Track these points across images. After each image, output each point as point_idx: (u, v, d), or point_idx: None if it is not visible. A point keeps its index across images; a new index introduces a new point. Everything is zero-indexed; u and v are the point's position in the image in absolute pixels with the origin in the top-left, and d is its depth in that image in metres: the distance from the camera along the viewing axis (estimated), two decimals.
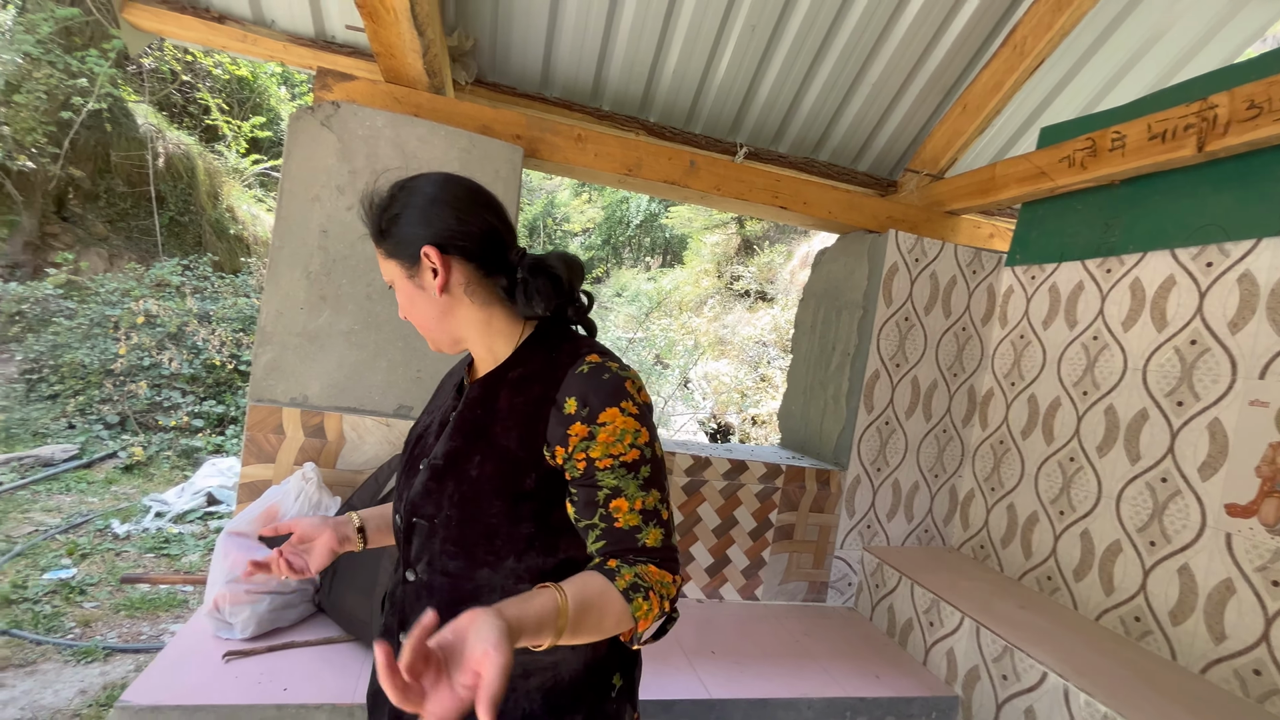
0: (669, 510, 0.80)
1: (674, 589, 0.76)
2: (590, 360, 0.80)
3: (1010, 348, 2.29)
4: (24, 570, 2.96)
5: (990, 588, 2.01)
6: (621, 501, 0.76)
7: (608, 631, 0.71)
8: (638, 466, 0.77)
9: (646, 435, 0.78)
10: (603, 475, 0.76)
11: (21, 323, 5.63)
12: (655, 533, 0.77)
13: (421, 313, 0.83)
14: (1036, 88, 2.28)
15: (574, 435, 0.76)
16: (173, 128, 7.68)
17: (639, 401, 0.78)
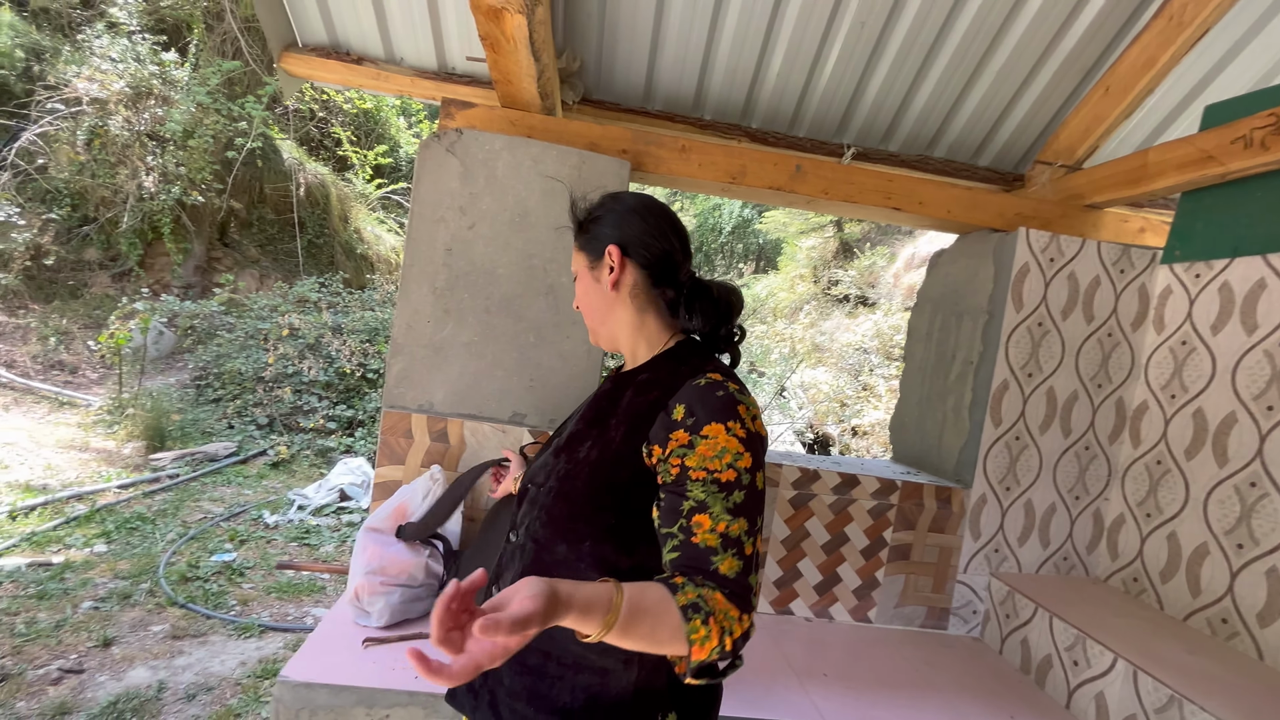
0: (754, 547, 0.76)
1: (739, 627, 0.71)
2: (711, 376, 0.82)
3: (1169, 355, 2.03)
4: (196, 552, 3.40)
5: (1149, 627, 1.78)
6: (704, 518, 0.74)
7: (661, 645, 0.68)
8: (731, 489, 0.75)
9: (749, 461, 0.77)
10: (693, 486, 0.76)
11: (193, 336, 6.51)
12: (732, 561, 0.73)
13: (592, 304, 0.96)
14: (1196, 62, 2.02)
15: (674, 440, 0.78)
16: (311, 160, 8.61)
17: (749, 427, 0.78)
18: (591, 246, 0.95)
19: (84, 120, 6.54)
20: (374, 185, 9.49)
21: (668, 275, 0.93)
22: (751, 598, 0.74)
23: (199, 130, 6.91)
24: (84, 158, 6.56)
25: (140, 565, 3.17)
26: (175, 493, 4.17)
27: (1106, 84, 2.06)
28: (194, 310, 6.44)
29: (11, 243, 6.17)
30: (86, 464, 4.39)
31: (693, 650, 0.69)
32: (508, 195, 1.91)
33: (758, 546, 0.77)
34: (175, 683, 2.35)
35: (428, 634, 1.59)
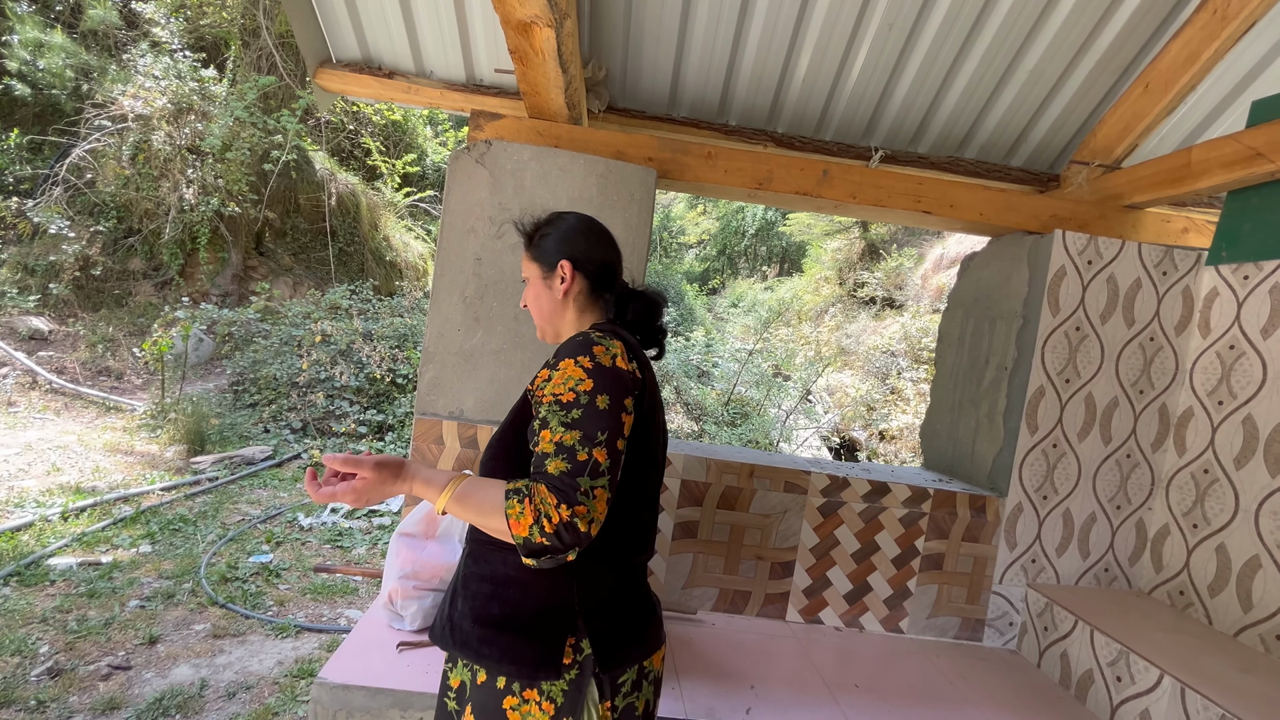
0: (589, 455, 0.88)
1: (556, 514, 0.83)
2: (586, 332, 1.00)
3: (1216, 360, 1.96)
4: (235, 553, 3.50)
5: (1197, 642, 1.71)
6: (546, 432, 0.90)
7: (488, 517, 0.88)
8: (570, 407, 0.90)
9: (589, 385, 0.91)
10: (541, 408, 0.93)
11: (231, 342, 6.71)
12: (559, 463, 0.87)
13: (542, 306, 1.13)
14: (1241, 58, 1.95)
15: (539, 377, 0.97)
16: (342, 170, 8.82)
17: (599, 361, 0.93)
18: (543, 258, 1.12)
19: (129, 136, 6.81)
20: (402, 193, 9.69)
21: (606, 282, 1.13)
22: (577, 495, 0.85)
23: (236, 143, 7.14)
24: (129, 172, 6.83)
25: (183, 565, 3.27)
26: (215, 495, 4.31)
27: (1146, 81, 2.00)
28: (231, 318, 6.64)
29: (62, 254, 6.46)
30: (132, 467, 4.56)
31: (510, 524, 0.85)
32: (536, 204, 1.94)
33: (594, 456, 0.88)
34: (216, 681, 2.43)
35: None
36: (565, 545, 0.85)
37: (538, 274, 1.13)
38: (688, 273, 14.90)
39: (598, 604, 0.98)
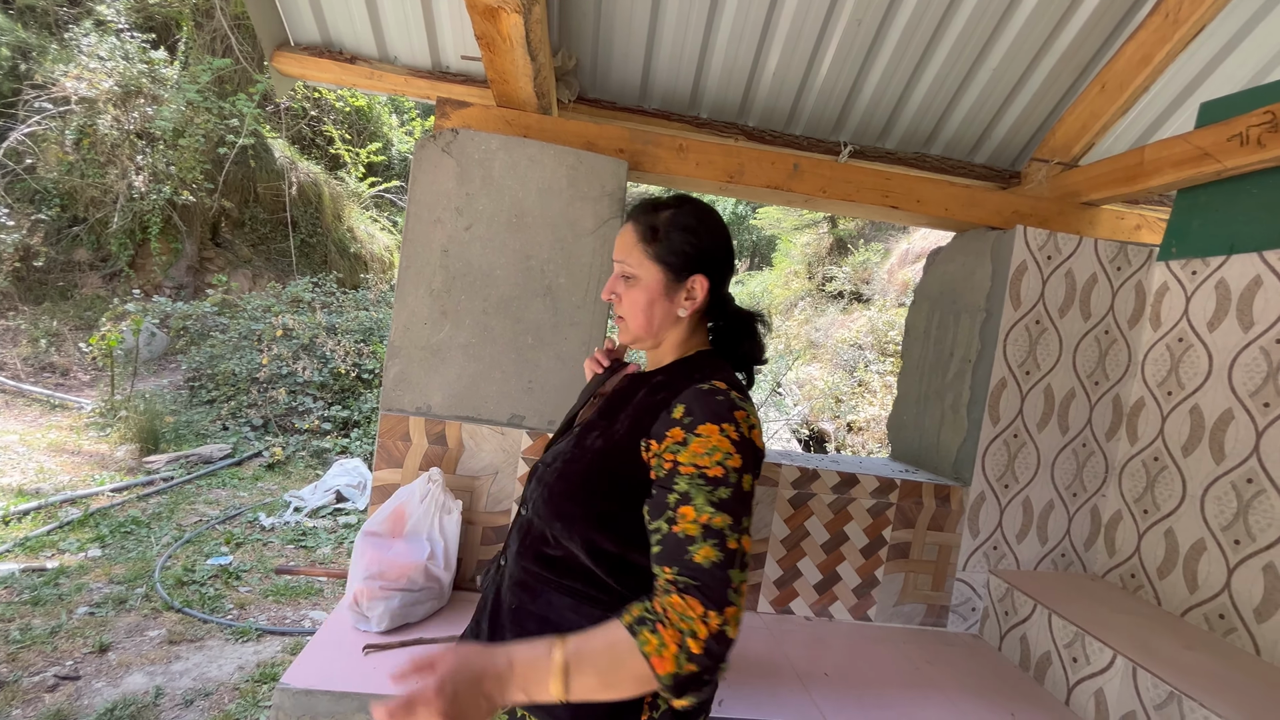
0: (738, 544, 0.75)
1: (704, 627, 0.69)
2: (715, 383, 0.86)
3: (1166, 352, 2.04)
4: (192, 555, 3.37)
5: (1147, 623, 1.79)
6: (689, 509, 0.76)
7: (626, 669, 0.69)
8: (717, 484, 0.77)
9: (738, 461, 0.78)
10: (680, 480, 0.78)
11: (186, 337, 6.46)
12: (710, 550, 0.73)
13: (651, 315, 0.95)
14: (1191, 60, 2.02)
15: (670, 437, 0.81)
16: (303, 158, 8.54)
17: (743, 433, 0.80)
18: (670, 262, 0.93)
19: (72, 119, 6.47)
20: (367, 183, 9.43)
21: (720, 308, 1.01)
22: (728, 591, 0.72)
23: (189, 129, 6.84)
24: (72, 157, 6.49)
25: (135, 569, 3.14)
26: (170, 496, 4.14)
27: (1103, 81, 2.06)
28: (186, 311, 6.38)
29: (0, 244, 6.11)
30: (79, 467, 4.35)
31: (653, 663, 0.69)
32: (504, 196, 1.90)
33: (743, 545, 0.76)
34: (173, 688, 2.34)
35: (429, 639, 1.58)
36: (716, 662, 0.70)
37: (657, 278, 0.94)
38: None
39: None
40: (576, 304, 1.94)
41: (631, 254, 0.95)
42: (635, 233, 0.96)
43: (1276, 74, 1.93)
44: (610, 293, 0.98)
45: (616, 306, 0.99)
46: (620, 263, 0.97)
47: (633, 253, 0.95)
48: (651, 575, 0.79)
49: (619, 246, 0.98)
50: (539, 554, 0.91)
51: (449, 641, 1.60)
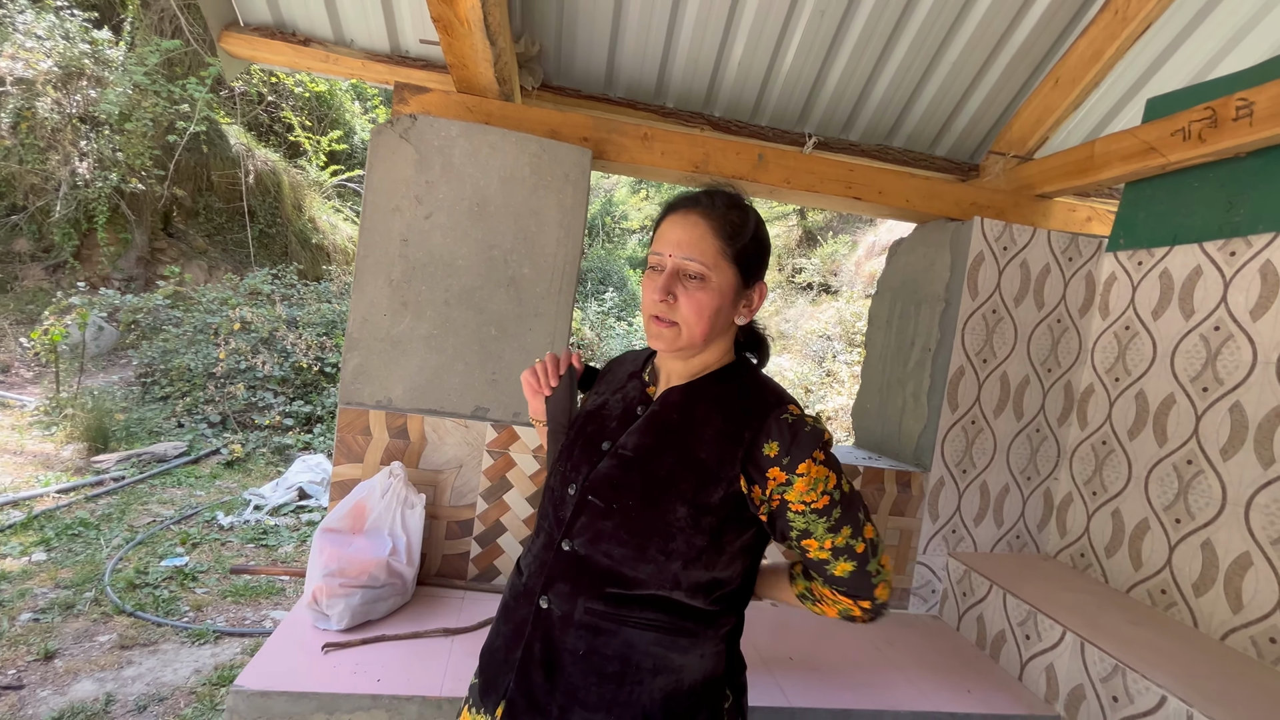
0: (866, 543, 0.88)
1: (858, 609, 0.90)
2: (792, 410, 0.87)
3: (1113, 340, 2.12)
4: (145, 557, 3.25)
5: (1094, 600, 1.86)
6: (811, 542, 0.87)
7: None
8: (827, 512, 0.85)
9: (835, 480, 0.86)
10: (795, 518, 0.85)
11: (137, 331, 6.20)
12: (844, 565, 0.87)
13: (716, 321, 0.88)
14: (1139, 56, 2.09)
15: (772, 480, 0.84)
16: (261, 146, 8.25)
17: (829, 453, 0.87)
18: (748, 267, 0.89)
19: (8, 101, 6.11)
20: (328, 172, 9.16)
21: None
22: (871, 580, 0.88)
23: (136, 113, 6.54)
24: (9, 142, 6.14)
25: (84, 573, 3.01)
26: (121, 496, 3.98)
27: (1056, 76, 2.11)
28: (137, 304, 6.12)
29: None
30: (22, 468, 4.15)
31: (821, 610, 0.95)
32: (465, 184, 1.86)
33: (870, 536, 0.88)
34: (124, 694, 2.25)
35: (391, 636, 1.56)
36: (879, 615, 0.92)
37: (731, 282, 0.87)
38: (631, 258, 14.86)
39: (739, 657, 0.95)
40: (541, 295, 1.92)
41: (707, 251, 0.85)
42: (712, 227, 0.86)
43: (1218, 71, 2.00)
44: (666, 293, 0.85)
45: (663, 308, 0.86)
46: (688, 260, 0.85)
47: (708, 250, 0.85)
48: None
49: (685, 240, 0.85)
50: (606, 595, 0.85)
51: (412, 638, 1.58)
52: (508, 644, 0.91)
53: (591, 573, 0.86)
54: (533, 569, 0.93)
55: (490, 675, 0.92)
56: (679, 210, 0.89)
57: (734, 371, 0.94)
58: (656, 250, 0.89)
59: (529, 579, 0.92)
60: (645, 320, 0.89)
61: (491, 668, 0.93)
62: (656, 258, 0.88)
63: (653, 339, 0.89)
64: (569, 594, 0.86)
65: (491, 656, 0.94)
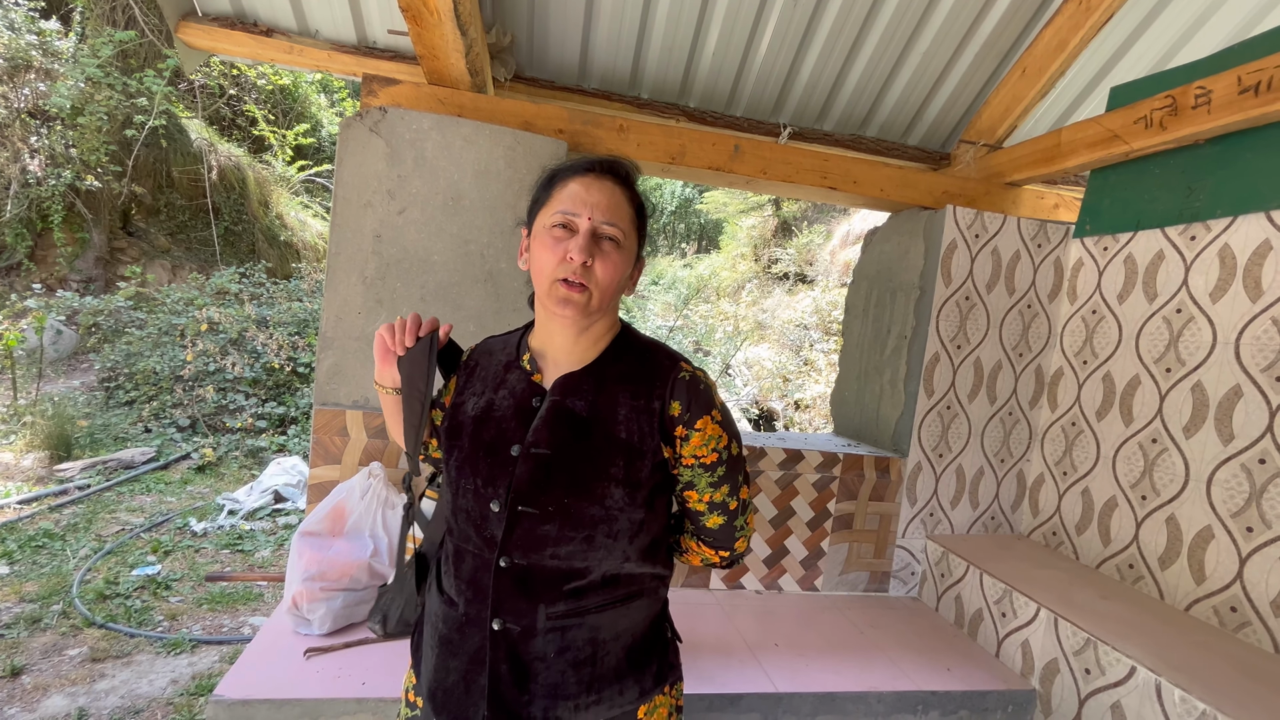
0: (739, 501, 0.93)
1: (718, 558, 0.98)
2: (684, 368, 0.90)
3: (1081, 324, 2.17)
4: (115, 567, 3.16)
5: (1066, 576, 1.92)
6: (692, 493, 0.91)
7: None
8: (714, 468, 0.89)
9: (726, 440, 0.90)
10: (683, 471, 0.89)
11: (98, 334, 5.99)
12: (716, 519, 0.93)
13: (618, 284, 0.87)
14: (1102, 46, 2.14)
15: (678, 438, 0.87)
16: (223, 141, 8.00)
17: (725, 413, 0.91)
18: (642, 239, 0.92)
19: None
20: (295, 168, 8.93)
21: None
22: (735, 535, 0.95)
23: (90, 107, 6.28)
24: None
25: (50, 586, 2.91)
26: (87, 505, 3.85)
27: (1023, 65, 2.15)
28: (97, 306, 5.90)
29: None
30: None
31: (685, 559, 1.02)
32: (439, 178, 1.83)
33: (745, 497, 0.94)
34: (98, 708, 2.19)
35: (372, 639, 1.54)
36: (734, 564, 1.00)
37: (633, 251, 0.89)
38: None
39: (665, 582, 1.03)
40: (519, 290, 1.90)
41: (624, 217, 0.86)
42: (626, 195, 0.87)
43: (1177, 60, 2.06)
44: (586, 254, 0.81)
45: (580, 272, 0.82)
46: (608, 223, 0.84)
47: (624, 216, 0.86)
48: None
49: (605, 204, 0.84)
50: (566, 593, 0.85)
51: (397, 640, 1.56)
52: (466, 677, 0.87)
53: (543, 579, 0.84)
54: (468, 595, 0.87)
55: (456, 712, 0.87)
56: (593, 174, 0.86)
57: (624, 343, 0.92)
58: (568, 210, 0.83)
59: (467, 607, 0.87)
60: (546, 285, 0.84)
61: (452, 704, 0.87)
62: (567, 217, 0.83)
63: (557, 304, 0.83)
64: (525, 608, 0.84)
65: (449, 695, 0.87)
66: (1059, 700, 1.65)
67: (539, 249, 0.85)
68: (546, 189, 0.88)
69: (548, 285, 0.83)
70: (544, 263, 0.83)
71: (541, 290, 0.85)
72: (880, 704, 1.61)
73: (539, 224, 0.87)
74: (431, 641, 0.92)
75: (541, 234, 0.85)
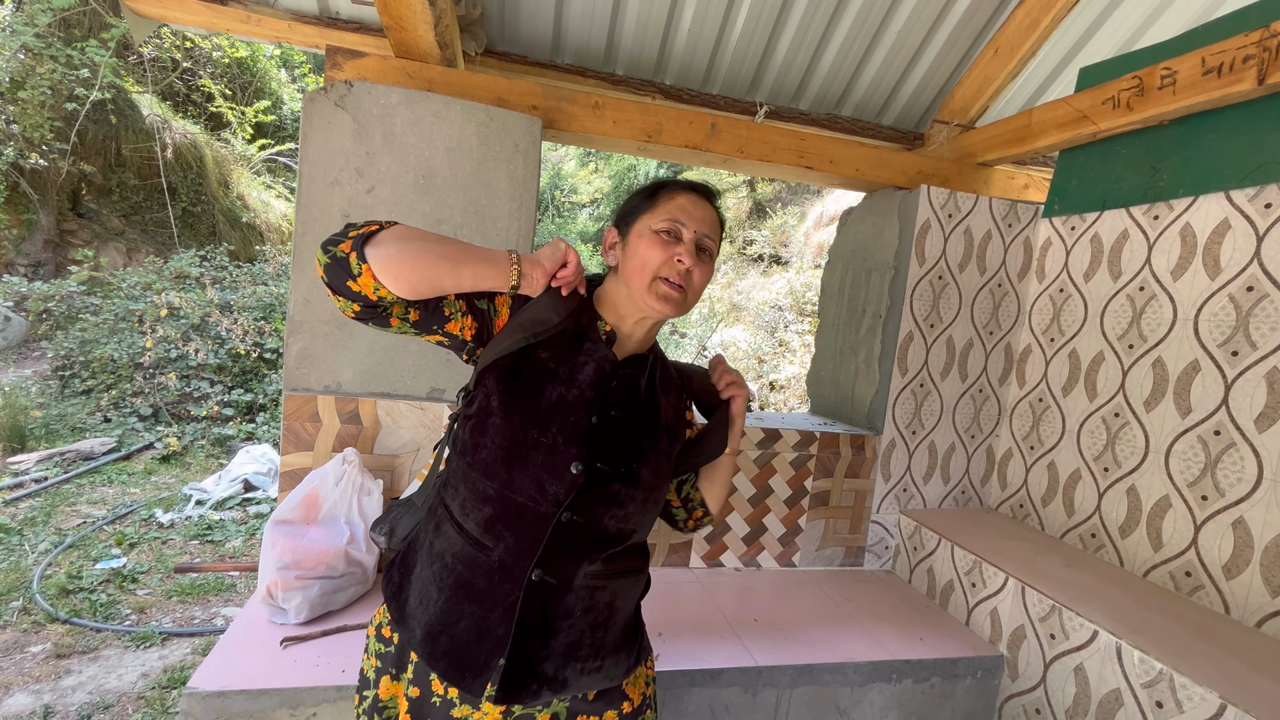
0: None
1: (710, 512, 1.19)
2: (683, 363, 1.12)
3: (1049, 302, 2.22)
4: (77, 561, 3.06)
5: (1032, 547, 1.99)
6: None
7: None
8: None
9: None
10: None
11: (49, 320, 5.73)
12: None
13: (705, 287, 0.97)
14: (1072, 26, 2.16)
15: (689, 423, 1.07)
16: (178, 117, 7.65)
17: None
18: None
19: None
20: (256, 146, 8.59)
21: None
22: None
23: (31, 80, 5.92)
24: None
25: (8, 581, 2.81)
26: (44, 498, 3.72)
27: (996, 45, 2.16)
28: (47, 291, 5.64)
29: None
30: None
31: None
32: (409, 155, 1.77)
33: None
34: (64, 705, 2.14)
35: (354, 625, 1.52)
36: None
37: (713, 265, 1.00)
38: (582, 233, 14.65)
39: None
40: None
41: (717, 237, 0.97)
42: (719, 219, 0.98)
43: (1144, 41, 2.09)
44: (693, 259, 0.92)
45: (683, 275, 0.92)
46: (708, 237, 0.95)
47: (717, 236, 0.97)
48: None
49: (707, 220, 0.95)
50: (607, 556, 0.92)
51: None
52: (482, 624, 0.86)
53: (598, 539, 0.90)
54: (509, 543, 0.87)
55: (459, 658, 0.87)
56: (697, 193, 0.97)
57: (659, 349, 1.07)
58: (676, 218, 0.93)
59: (505, 555, 0.86)
60: (647, 281, 0.91)
61: (458, 650, 0.87)
62: (674, 225, 0.93)
63: (658, 299, 0.91)
64: (569, 564, 0.88)
65: (456, 640, 0.87)
66: (1025, 665, 1.71)
67: (646, 248, 0.92)
68: (651, 198, 0.96)
69: (648, 280, 0.91)
70: (650, 259, 0.91)
71: (640, 284, 0.92)
72: (856, 674, 1.65)
73: (642, 225, 0.94)
74: (439, 582, 0.89)
75: (647, 235, 0.93)
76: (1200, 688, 1.29)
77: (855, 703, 1.67)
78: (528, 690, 0.87)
